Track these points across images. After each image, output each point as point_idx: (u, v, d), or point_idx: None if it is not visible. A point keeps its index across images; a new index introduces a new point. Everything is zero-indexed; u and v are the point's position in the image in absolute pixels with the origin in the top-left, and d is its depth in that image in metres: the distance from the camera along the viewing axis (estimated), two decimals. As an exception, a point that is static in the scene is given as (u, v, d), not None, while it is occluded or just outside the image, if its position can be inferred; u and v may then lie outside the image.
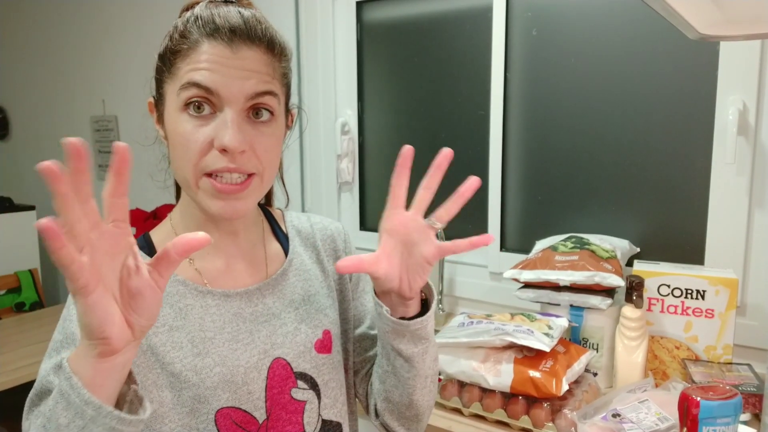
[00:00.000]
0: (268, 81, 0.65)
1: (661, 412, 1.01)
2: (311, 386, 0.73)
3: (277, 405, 0.70)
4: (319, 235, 0.84)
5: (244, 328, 0.70)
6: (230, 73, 0.62)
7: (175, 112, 0.65)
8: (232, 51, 0.63)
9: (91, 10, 2.74)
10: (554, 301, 1.32)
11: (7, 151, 3.40)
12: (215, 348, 0.68)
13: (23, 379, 1.91)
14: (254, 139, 0.65)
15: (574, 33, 1.54)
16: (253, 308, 0.72)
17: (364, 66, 1.96)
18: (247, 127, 0.65)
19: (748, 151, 1.30)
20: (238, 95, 0.63)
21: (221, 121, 0.63)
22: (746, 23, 0.55)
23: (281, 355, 0.71)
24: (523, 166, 1.67)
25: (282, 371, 0.71)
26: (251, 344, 0.70)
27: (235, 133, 0.62)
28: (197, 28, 0.64)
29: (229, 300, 0.71)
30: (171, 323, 0.67)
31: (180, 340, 0.67)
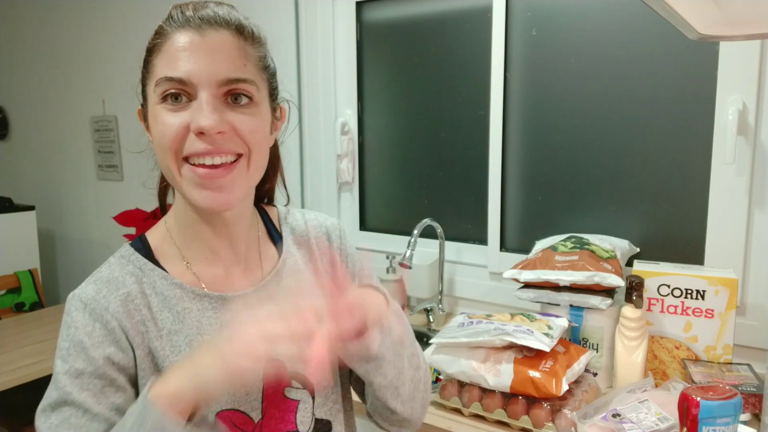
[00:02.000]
0: (241, 66, 0.64)
1: (661, 412, 1.01)
2: (305, 386, 0.74)
3: (271, 404, 0.70)
4: (313, 232, 0.83)
5: None
6: (201, 58, 0.62)
7: (154, 107, 0.65)
8: (201, 35, 0.63)
9: (91, 11, 2.74)
10: (554, 301, 1.32)
11: (7, 151, 3.40)
12: None
13: (23, 379, 1.91)
14: (234, 119, 0.64)
15: (574, 33, 1.54)
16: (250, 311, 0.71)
17: (364, 66, 1.96)
18: (225, 109, 0.64)
19: (747, 152, 1.30)
20: (211, 79, 0.62)
21: (197, 105, 0.62)
22: (746, 23, 0.55)
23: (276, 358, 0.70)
24: (523, 166, 1.67)
25: (277, 371, 0.71)
26: None
27: (210, 113, 0.61)
28: (169, 24, 0.65)
29: (226, 304, 0.71)
30: (170, 327, 0.67)
31: (179, 344, 0.67)
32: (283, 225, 0.82)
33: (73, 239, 3.09)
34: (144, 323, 0.66)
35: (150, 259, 0.71)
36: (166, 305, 0.68)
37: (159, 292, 0.68)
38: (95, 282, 0.67)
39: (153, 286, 0.69)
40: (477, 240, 1.78)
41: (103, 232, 2.91)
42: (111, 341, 0.64)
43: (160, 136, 0.64)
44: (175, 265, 0.71)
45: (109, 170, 2.81)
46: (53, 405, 0.63)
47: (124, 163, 2.75)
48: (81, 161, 2.96)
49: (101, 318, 0.64)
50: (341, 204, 2.05)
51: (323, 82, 1.97)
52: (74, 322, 0.65)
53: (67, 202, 3.09)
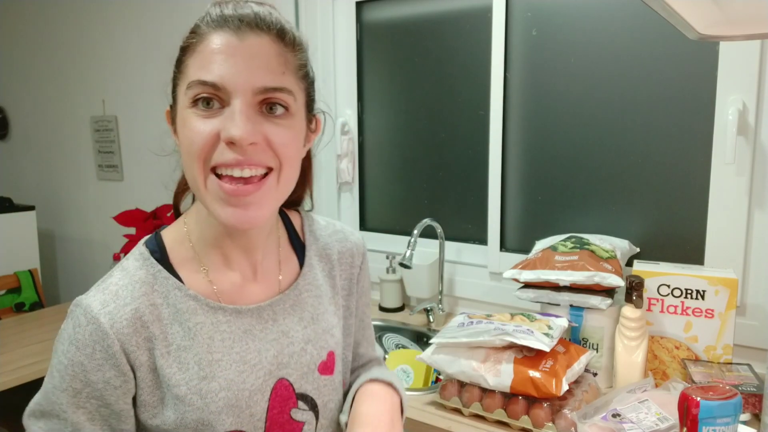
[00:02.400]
0: (280, 74, 0.60)
1: (661, 412, 1.01)
2: (311, 407, 0.71)
3: (275, 424, 0.68)
4: (337, 246, 0.79)
5: (254, 347, 0.68)
6: (237, 63, 0.58)
7: (184, 111, 0.61)
8: (239, 38, 0.59)
9: (91, 11, 2.74)
10: (554, 301, 1.32)
11: (7, 151, 3.40)
12: (222, 371, 0.65)
13: (23, 379, 1.91)
14: (268, 130, 0.60)
15: (574, 33, 1.54)
16: (264, 325, 0.69)
17: (364, 66, 1.96)
18: (259, 118, 0.60)
19: (747, 151, 1.30)
20: (246, 86, 0.58)
21: (229, 113, 0.59)
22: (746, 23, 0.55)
23: (285, 376, 0.69)
24: (523, 166, 1.67)
25: (284, 392, 0.69)
26: (258, 365, 0.67)
27: (243, 123, 0.58)
28: (206, 23, 0.61)
29: (241, 317, 0.68)
30: (179, 342, 0.64)
31: (187, 362, 0.64)
32: (307, 234, 0.78)
33: (73, 239, 3.09)
34: (151, 340, 0.63)
35: (165, 263, 0.67)
36: (177, 319, 0.64)
37: (171, 303, 0.65)
38: (103, 292, 0.63)
39: (165, 296, 0.65)
40: (477, 240, 1.78)
41: (103, 232, 2.91)
42: (111, 365, 0.61)
43: (188, 143, 0.60)
44: (190, 272, 0.68)
45: (109, 170, 2.81)
46: (44, 413, 0.63)
47: (124, 163, 2.75)
48: (81, 161, 2.96)
49: (103, 341, 0.60)
50: (341, 204, 2.05)
51: (323, 82, 1.97)
52: (76, 339, 0.61)
53: (67, 202, 3.09)
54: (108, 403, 0.62)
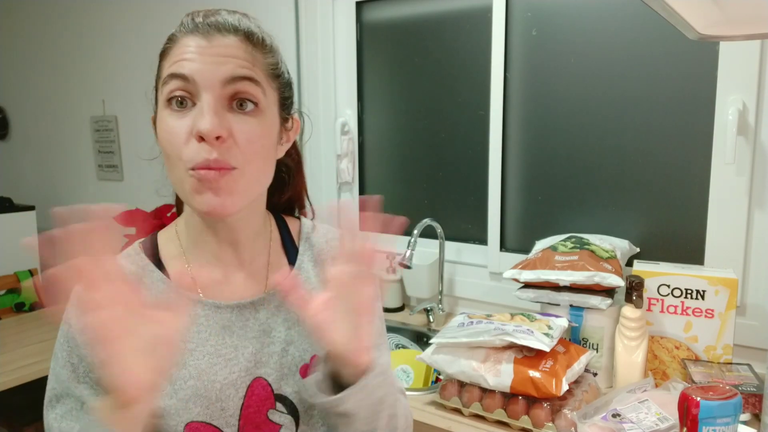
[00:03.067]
0: (246, 66, 0.63)
1: (661, 412, 1.01)
2: (290, 411, 0.70)
3: (250, 423, 0.68)
4: (331, 253, 0.79)
5: (230, 343, 0.68)
6: (205, 60, 0.61)
7: (161, 112, 0.64)
8: (208, 41, 0.62)
9: (91, 11, 2.74)
10: (554, 301, 1.32)
11: (7, 151, 3.40)
12: (194, 360, 0.66)
13: (23, 379, 1.91)
14: (234, 126, 0.62)
15: (574, 33, 1.54)
16: (244, 322, 0.70)
17: (364, 66, 1.96)
18: (228, 114, 0.62)
19: (747, 151, 1.30)
20: (213, 80, 0.61)
21: (199, 108, 0.61)
22: (746, 23, 0.55)
23: (263, 375, 0.69)
24: (523, 166, 1.67)
25: (262, 391, 0.69)
26: (233, 360, 0.68)
27: (211, 117, 0.60)
28: (179, 31, 0.64)
29: (220, 312, 0.69)
30: None
31: None
32: (302, 240, 0.78)
33: (73, 239, 3.09)
34: None
35: (155, 258, 0.71)
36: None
37: (154, 294, 0.68)
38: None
39: (150, 287, 0.69)
40: (477, 240, 1.78)
41: (103, 232, 2.91)
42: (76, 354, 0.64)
43: (167, 144, 0.62)
44: (177, 268, 0.71)
45: (109, 170, 2.81)
46: (57, 396, 0.65)
47: (124, 163, 2.75)
48: (81, 161, 2.96)
49: None
50: (341, 204, 2.05)
51: (323, 82, 1.97)
52: (68, 317, 0.66)
53: (67, 202, 3.09)
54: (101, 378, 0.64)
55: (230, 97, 0.62)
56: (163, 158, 0.66)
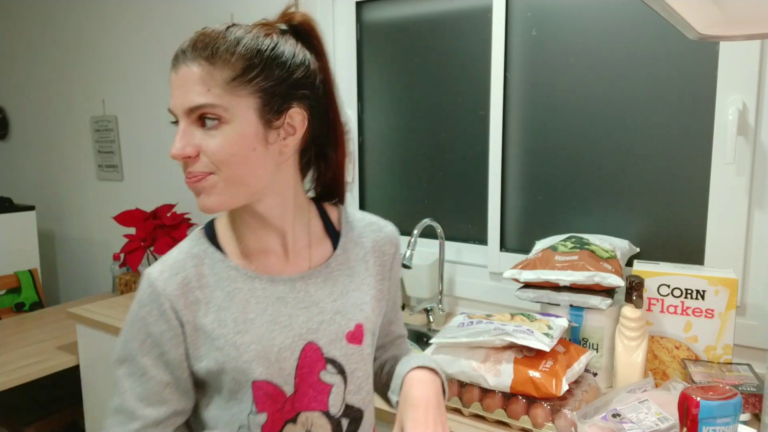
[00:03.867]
0: (204, 93, 0.71)
1: (661, 412, 1.01)
2: (339, 372, 0.81)
3: (304, 383, 0.79)
4: (371, 236, 0.90)
5: (285, 312, 0.79)
6: (175, 93, 0.72)
7: None
8: (176, 73, 0.72)
9: (91, 11, 2.74)
10: (554, 301, 1.32)
11: (7, 151, 3.40)
12: (255, 328, 0.77)
13: (23, 379, 1.91)
14: (202, 142, 0.72)
15: (574, 33, 1.54)
16: (296, 294, 0.81)
17: (364, 66, 1.96)
18: (197, 132, 0.72)
19: (747, 151, 1.30)
20: (181, 110, 0.72)
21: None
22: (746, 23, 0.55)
23: (314, 340, 0.80)
24: (523, 166, 1.67)
25: (313, 354, 0.79)
26: (288, 327, 0.79)
27: (177, 142, 0.72)
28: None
29: (275, 285, 0.80)
30: (220, 304, 0.77)
31: (225, 320, 0.77)
32: (343, 224, 0.90)
33: (73, 239, 3.09)
34: (196, 303, 0.77)
35: (214, 242, 0.82)
36: (219, 285, 0.78)
37: (216, 273, 0.79)
38: (162, 263, 0.79)
39: (212, 267, 0.79)
40: (477, 240, 1.78)
41: (103, 232, 2.91)
42: (164, 320, 0.75)
43: None
44: (233, 250, 0.81)
45: (109, 170, 2.81)
46: (123, 358, 0.77)
47: (124, 163, 2.75)
48: (81, 161, 2.96)
49: (157, 300, 0.75)
50: (341, 204, 2.05)
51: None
52: (140, 299, 0.77)
53: (67, 202, 3.09)
54: (165, 351, 0.76)
55: (198, 118, 0.72)
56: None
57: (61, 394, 2.32)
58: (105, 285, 2.95)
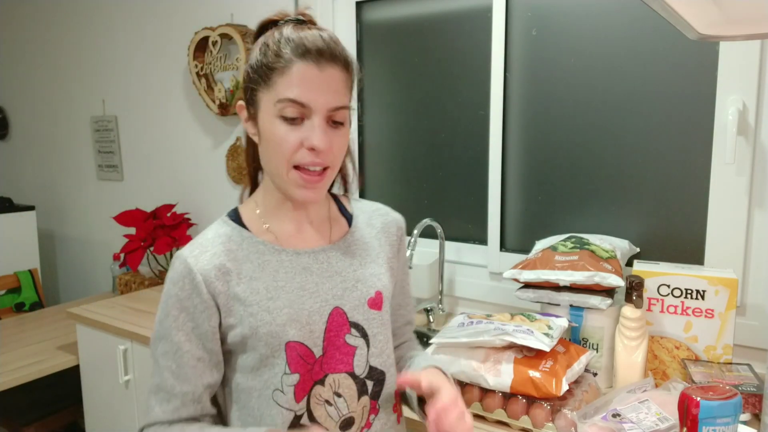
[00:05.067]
0: (344, 96, 0.82)
1: (661, 412, 1.01)
2: (362, 335, 0.88)
3: (332, 345, 0.85)
4: (380, 219, 0.99)
5: (311, 281, 0.86)
6: (318, 89, 0.78)
7: (271, 118, 0.80)
8: (320, 69, 0.78)
9: (91, 11, 2.74)
10: (554, 301, 1.32)
11: (7, 151, 3.40)
12: (285, 294, 0.84)
13: (23, 379, 1.91)
14: (333, 139, 0.81)
15: (574, 33, 1.54)
16: (320, 265, 0.88)
17: (364, 66, 1.96)
18: (329, 130, 0.81)
19: (747, 151, 1.30)
20: (323, 107, 0.79)
21: (310, 127, 0.79)
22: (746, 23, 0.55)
23: (340, 305, 0.87)
24: (523, 166, 1.67)
25: (339, 319, 0.86)
26: (316, 293, 0.85)
27: (323, 136, 0.79)
28: (290, 49, 0.79)
29: (300, 257, 0.87)
30: (251, 275, 0.84)
31: (257, 288, 0.83)
32: (354, 208, 0.99)
33: (73, 239, 3.09)
34: (228, 274, 0.83)
35: (239, 224, 0.89)
36: (249, 258, 0.85)
37: (245, 247, 0.86)
38: (193, 244, 0.86)
39: (240, 243, 0.86)
40: (477, 240, 1.78)
41: (103, 232, 2.91)
42: (197, 294, 0.81)
43: (276, 146, 0.80)
44: (259, 228, 0.89)
45: (109, 170, 2.81)
46: (159, 337, 0.83)
47: (124, 163, 2.75)
48: (81, 161, 2.96)
49: (189, 275, 0.82)
50: (341, 204, 2.05)
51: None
52: (173, 277, 0.83)
53: (67, 202, 3.09)
54: (198, 324, 0.82)
55: (329, 118, 0.81)
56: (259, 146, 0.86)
57: (61, 394, 2.32)
58: (105, 285, 2.95)
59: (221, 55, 2.18)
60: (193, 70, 2.26)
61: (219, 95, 2.20)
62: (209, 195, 2.42)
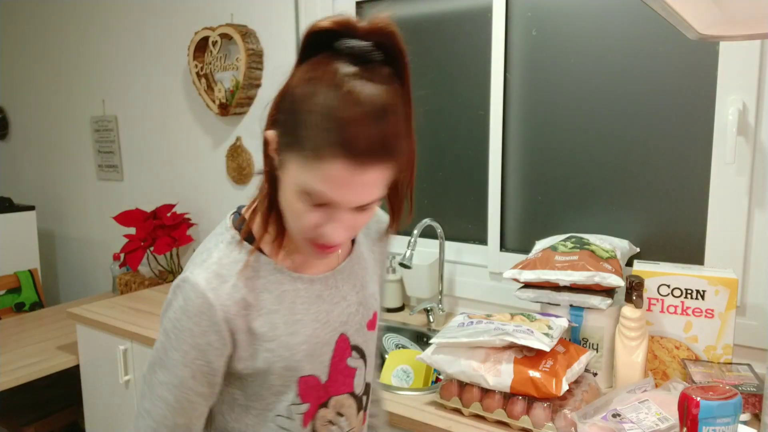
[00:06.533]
0: (382, 189, 0.70)
1: (661, 412, 1.01)
2: (361, 356, 0.88)
3: (335, 370, 0.84)
4: (375, 227, 0.95)
5: (324, 309, 0.83)
6: (353, 190, 0.67)
7: (293, 189, 0.70)
8: (362, 171, 0.65)
9: (91, 11, 2.74)
10: (554, 301, 1.32)
11: (7, 151, 3.40)
12: (303, 329, 0.80)
13: (23, 379, 1.91)
14: (356, 220, 0.72)
15: (574, 33, 1.54)
16: (330, 291, 0.85)
17: (364, 66, 1.96)
18: (354, 214, 0.71)
19: (747, 151, 1.30)
20: (354, 203, 0.69)
21: (331, 216, 0.70)
22: (746, 23, 0.55)
23: (345, 331, 0.85)
24: (523, 166, 1.67)
25: (343, 344, 0.85)
26: (328, 323, 0.83)
27: (341, 232, 0.71)
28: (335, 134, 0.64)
29: (314, 284, 0.83)
30: (269, 307, 0.78)
31: (276, 322, 0.78)
32: None
33: (73, 239, 3.09)
34: (247, 308, 0.76)
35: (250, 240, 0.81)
36: (267, 287, 0.79)
37: (263, 276, 0.79)
38: (206, 271, 0.75)
39: (257, 270, 0.78)
40: (477, 240, 1.78)
41: (103, 232, 2.91)
42: (214, 331, 0.74)
43: (294, 219, 0.72)
44: (273, 252, 0.81)
45: (109, 170, 2.81)
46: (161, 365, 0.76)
47: (124, 163, 2.75)
48: (81, 161, 2.96)
49: (209, 311, 0.73)
50: (341, 204, 2.05)
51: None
52: (186, 309, 0.74)
53: (67, 202, 3.09)
54: (209, 361, 0.76)
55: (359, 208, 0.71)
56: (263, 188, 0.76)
57: (61, 394, 2.32)
58: (105, 285, 2.94)
59: (221, 55, 2.18)
60: (193, 70, 2.26)
61: (219, 95, 2.20)
62: (209, 195, 2.42)
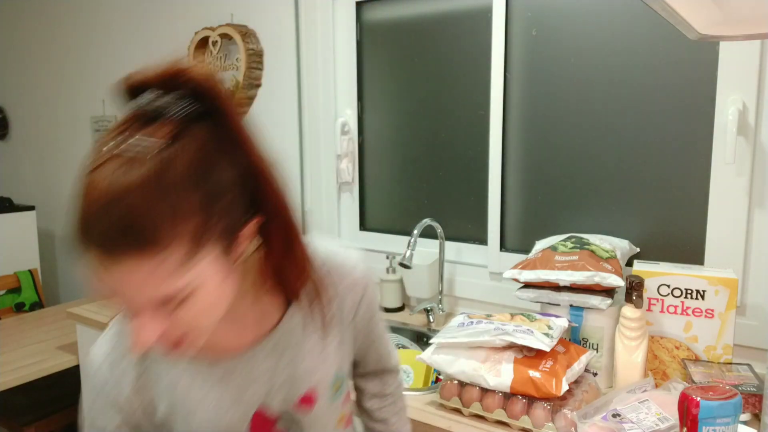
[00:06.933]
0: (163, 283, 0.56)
1: (661, 412, 1.01)
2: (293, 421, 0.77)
3: None
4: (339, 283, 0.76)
5: (233, 386, 0.73)
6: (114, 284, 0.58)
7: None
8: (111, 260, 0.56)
9: (91, 11, 2.74)
10: (554, 301, 1.32)
11: (7, 151, 3.40)
12: (202, 413, 0.72)
13: (23, 379, 1.91)
14: (157, 322, 0.59)
15: (574, 33, 1.54)
16: (242, 368, 0.73)
17: (364, 66, 1.96)
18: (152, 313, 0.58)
19: (747, 151, 1.30)
20: (130, 299, 0.59)
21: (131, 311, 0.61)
22: (746, 23, 0.55)
23: (263, 409, 0.75)
24: (523, 166, 1.67)
25: (262, 421, 0.76)
26: (237, 401, 0.73)
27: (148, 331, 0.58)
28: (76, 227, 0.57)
29: (214, 368, 0.72)
30: (166, 385, 0.72)
31: (174, 402, 0.72)
32: None
33: (73, 239, 3.09)
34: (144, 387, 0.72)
35: None
36: (162, 367, 0.72)
37: (156, 359, 0.72)
38: (106, 343, 0.73)
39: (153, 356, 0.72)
40: (477, 240, 1.78)
41: (103, 232, 2.91)
42: (115, 410, 0.72)
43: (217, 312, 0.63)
44: None
45: (109, 170, 2.81)
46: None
47: (124, 163, 2.75)
48: (81, 161, 2.96)
49: (103, 391, 0.72)
50: (341, 204, 2.05)
51: (323, 82, 1.97)
52: (93, 382, 0.72)
53: (67, 202, 3.09)
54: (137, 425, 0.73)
55: None
56: None
57: (61, 394, 2.32)
58: (105, 285, 2.94)
59: (221, 55, 2.18)
60: (193, 70, 2.25)
61: (219, 95, 2.19)
62: (209, 195, 2.42)
